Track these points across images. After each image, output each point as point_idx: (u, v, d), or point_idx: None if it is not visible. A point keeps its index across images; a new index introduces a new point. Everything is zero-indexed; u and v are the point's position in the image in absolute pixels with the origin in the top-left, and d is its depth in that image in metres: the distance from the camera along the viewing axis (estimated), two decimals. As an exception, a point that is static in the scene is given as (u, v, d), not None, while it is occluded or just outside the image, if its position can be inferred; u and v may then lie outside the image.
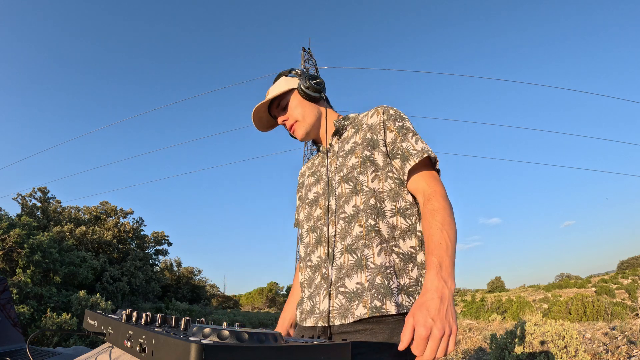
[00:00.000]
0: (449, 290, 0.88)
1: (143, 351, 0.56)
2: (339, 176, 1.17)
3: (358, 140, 1.18)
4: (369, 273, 1.02)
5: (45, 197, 15.77)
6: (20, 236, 8.66)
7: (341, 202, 1.13)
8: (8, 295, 1.42)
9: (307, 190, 1.30)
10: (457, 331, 0.85)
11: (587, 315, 10.09)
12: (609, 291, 21.79)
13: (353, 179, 1.13)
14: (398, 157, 1.11)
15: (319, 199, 1.22)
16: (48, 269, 9.44)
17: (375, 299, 0.99)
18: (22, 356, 1.18)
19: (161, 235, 20.88)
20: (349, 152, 1.18)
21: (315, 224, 1.21)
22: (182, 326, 0.67)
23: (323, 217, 1.18)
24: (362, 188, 1.11)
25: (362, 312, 1.00)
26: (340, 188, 1.15)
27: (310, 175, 1.33)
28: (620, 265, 56.59)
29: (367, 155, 1.13)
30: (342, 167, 1.17)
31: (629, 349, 5.25)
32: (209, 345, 0.47)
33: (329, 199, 1.17)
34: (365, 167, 1.12)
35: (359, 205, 1.09)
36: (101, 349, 0.77)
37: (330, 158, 1.25)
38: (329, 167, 1.23)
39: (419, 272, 1.06)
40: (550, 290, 33.85)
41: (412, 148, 1.09)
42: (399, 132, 1.12)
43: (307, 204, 1.28)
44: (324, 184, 1.22)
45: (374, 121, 1.18)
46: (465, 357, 6.26)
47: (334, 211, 1.14)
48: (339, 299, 1.05)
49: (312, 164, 1.38)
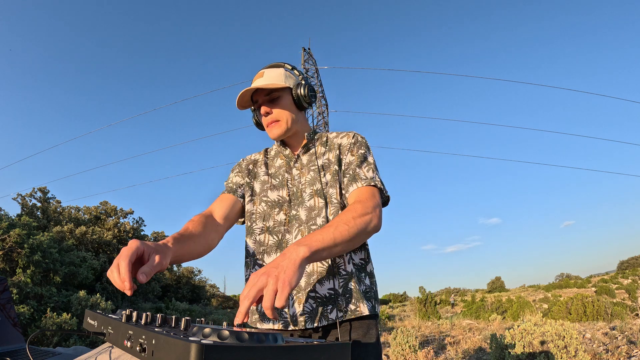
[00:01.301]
0: (296, 253, 0.86)
1: (143, 351, 0.56)
2: (311, 189, 1.23)
3: (332, 158, 1.26)
4: (342, 280, 1.14)
5: (45, 197, 15.78)
6: (20, 236, 8.66)
7: (313, 215, 1.19)
8: (8, 295, 1.42)
9: (267, 188, 1.30)
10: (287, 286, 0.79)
11: (587, 315, 10.09)
12: (609, 291, 21.80)
13: (326, 194, 1.21)
14: (348, 176, 1.21)
15: (284, 205, 1.25)
16: (48, 269, 9.44)
17: (350, 303, 1.12)
18: (22, 356, 1.18)
19: (161, 235, 20.88)
20: (323, 167, 1.26)
21: (277, 228, 1.23)
22: (182, 326, 0.67)
23: (287, 224, 1.22)
24: (332, 200, 1.20)
25: (338, 315, 1.10)
26: (313, 201, 1.22)
27: (269, 175, 1.33)
28: (620, 265, 56.67)
29: (337, 170, 1.23)
30: (314, 181, 1.24)
31: (629, 349, 5.25)
32: (209, 345, 0.47)
33: (299, 209, 1.22)
34: (335, 181, 1.22)
35: (328, 217, 1.18)
36: (101, 349, 0.76)
37: (298, 169, 1.29)
38: (298, 179, 1.27)
39: (370, 280, 1.21)
40: (550, 290, 33.86)
41: (364, 174, 1.20)
42: (358, 158, 1.23)
43: (266, 203, 1.28)
44: (290, 192, 1.26)
45: (344, 142, 1.28)
46: (465, 357, 6.26)
47: (304, 221, 1.20)
48: (309, 303, 1.12)
49: (270, 164, 1.37)
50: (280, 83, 1.24)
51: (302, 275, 0.90)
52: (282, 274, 0.81)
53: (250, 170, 1.39)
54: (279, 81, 1.24)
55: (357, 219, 1.03)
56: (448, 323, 11.40)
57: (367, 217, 1.06)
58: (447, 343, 7.67)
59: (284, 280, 0.80)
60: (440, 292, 45.79)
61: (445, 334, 9.10)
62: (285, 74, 1.27)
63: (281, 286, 0.79)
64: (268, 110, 1.25)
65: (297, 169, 1.29)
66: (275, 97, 1.25)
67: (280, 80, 1.25)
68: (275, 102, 1.25)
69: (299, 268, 0.84)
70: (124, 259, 0.79)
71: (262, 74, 1.27)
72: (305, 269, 0.94)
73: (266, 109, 1.25)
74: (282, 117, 1.25)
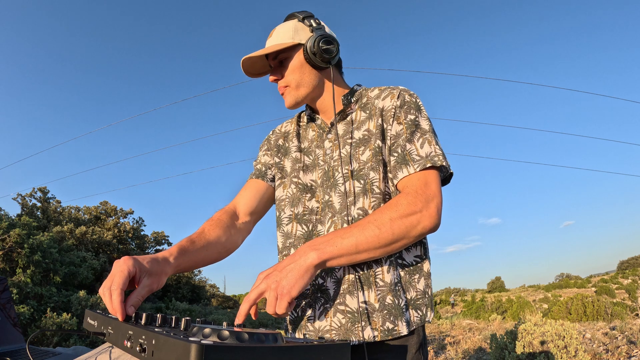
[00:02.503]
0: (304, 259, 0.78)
1: (143, 351, 0.56)
2: (346, 169, 0.98)
3: (372, 128, 0.99)
4: (379, 292, 0.91)
5: (45, 197, 15.77)
6: (20, 236, 8.66)
7: (348, 202, 0.96)
8: (8, 295, 1.42)
9: (300, 168, 1.08)
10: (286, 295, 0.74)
11: (587, 315, 10.09)
12: (609, 291, 21.80)
13: (365, 176, 0.96)
14: (395, 155, 0.95)
15: (317, 190, 1.04)
16: (48, 269, 9.44)
17: (387, 321, 0.89)
18: (22, 356, 1.18)
19: (161, 235, 20.88)
20: (361, 141, 1.00)
21: (308, 217, 1.02)
22: (182, 326, 0.67)
23: (320, 212, 1.01)
24: (373, 188, 0.95)
25: (370, 334, 0.89)
26: (348, 184, 0.97)
27: (300, 151, 1.11)
28: (620, 265, 56.65)
29: (380, 146, 0.97)
30: (351, 159, 0.99)
31: (629, 349, 5.25)
32: (209, 345, 0.47)
33: (332, 193, 1.00)
34: (378, 162, 0.96)
35: (366, 209, 0.94)
36: (101, 349, 0.76)
37: (331, 141, 1.05)
38: (330, 154, 1.04)
39: (425, 282, 0.97)
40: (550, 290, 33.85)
41: (416, 152, 0.93)
42: (407, 128, 0.95)
43: (297, 186, 1.07)
44: (322, 172, 1.04)
45: (386, 105, 1.00)
46: (465, 357, 6.26)
47: (337, 211, 0.97)
48: (338, 317, 0.92)
49: (302, 135, 1.13)
50: (286, 41, 1.01)
51: (308, 284, 0.78)
52: (283, 281, 0.75)
53: (281, 146, 1.16)
54: (286, 39, 1.01)
55: (396, 221, 0.82)
56: (448, 323, 11.39)
57: (413, 219, 0.84)
58: (447, 343, 7.67)
59: (283, 289, 0.75)
60: (440, 292, 45.80)
61: (445, 334, 9.10)
62: (295, 27, 1.03)
63: (280, 295, 0.74)
64: (276, 75, 1.05)
65: (329, 141, 1.05)
66: (284, 58, 1.03)
67: (287, 37, 1.01)
68: (283, 65, 1.04)
69: (304, 275, 0.77)
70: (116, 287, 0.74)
71: (272, 33, 1.06)
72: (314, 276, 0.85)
73: (273, 77, 1.05)
74: (291, 82, 1.03)
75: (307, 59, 1.01)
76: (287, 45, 1.00)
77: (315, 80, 1.04)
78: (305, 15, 1.04)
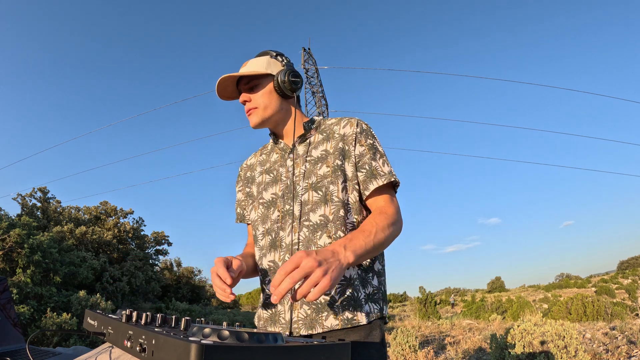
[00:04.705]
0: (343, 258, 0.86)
1: (143, 351, 0.56)
2: (306, 182, 1.15)
3: (329, 148, 1.17)
4: (339, 286, 1.06)
5: (45, 197, 15.78)
6: (20, 236, 8.66)
7: (306, 209, 1.12)
8: (8, 295, 1.42)
9: (262, 189, 1.24)
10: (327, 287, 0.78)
11: (587, 315, 10.09)
12: (609, 291, 21.81)
13: (323, 188, 1.12)
14: (364, 171, 1.14)
15: (277, 201, 1.18)
16: (48, 269, 9.44)
17: (347, 311, 1.04)
18: (22, 356, 1.18)
19: (161, 235, 20.89)
20: (319, 159, 1.17)
21: (271, 227, 1.17)
22: (182, 326, 0.67)
23: (280, 220, 1.15)
24: (332, 198, 1.11)
25: (333, 323, 1.03)
26: (307, 195, 1.13)
27: (264, 172, 1.27)
28: (620, 265, 56.72)
29: (339, 164, 1.14)
30: (310, 174, 1.15)
31: (629, 349, 5.25)
32: (209, 345, 0.47)
33: (292, 203, 1.15)
34: (336, 177, 1.13)
35: (327, 216, 1.10)
36: (101, 349, 0.76)
37: (293, 161, 1.21)
38: (292, 170, 1.19)
39: (378, 279, 1.14)
40: (550, 290, 33.87)
41: (381, 169, 1.13)
42: (369, 149, 1.16)
43: (262, 204, 1.22)
44: (284, 186, 1.19)
45: (347, 132, 1.18)
46: (465, 357, 6.26)
47: (297, 217, 1.12)
48: (304, 309, 1.06)
49: (264, 160, 1.31)
50: (260, 70, 1.17)
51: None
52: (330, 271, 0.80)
53: (249, 177, 1.34)
54: (260, 68, 1.18)
55: (391, 227, 1.03)
56: (448, 323, 11.40)
57: (399, 225, 1.06)
58: (447, 343, 7.67)
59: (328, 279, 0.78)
60: (440, 292, 45.83)
61: (445, 334, 9.10)
62: (268, 61, 1.20)
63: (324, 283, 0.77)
64: (246, 98, 1.19)
65: (291, 160, 1.21)
66: (255, 85, 1.19)
67: (261, 67, 1.18)
68: (255, 90, 1.19)
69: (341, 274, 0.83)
70: (219, 266, 0.95)
71: (246, 63, 1.22)
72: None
73: (244, 97, 1.20)
74: (259, 104, 1.18)
75: (276, 87, 1.18)
76: (260, 72, 1.17)
77: (280, 105, 1.21)
78: (278, 53, 1.25)
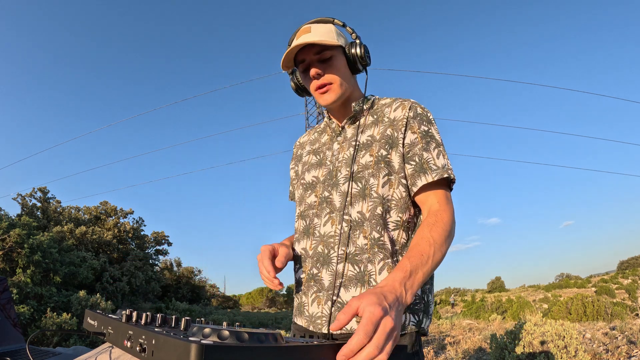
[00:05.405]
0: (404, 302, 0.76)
1: (143, 351, 0.56)
2: (346, 170, 1.03)
3: (376, 134, 1.05)
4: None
5: (45, 197, 15.77)
6: (20, 236, 8.66)
7: (346, 202, 1.01)
8: (8, 295, 1.42)
9: (305, 170, 1.16)
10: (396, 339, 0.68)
11: (587, 315, 10.09)
12: (609, 291, 21.80)
13: (363, 180, 1.01)
14: (413, 164, 1.00)
15: (317, 186, 1.09)
16: (48, 269, 9.44)
17: None
18: (22, 356, 1.18)
19: (161, 235, 20.88)
20: (364, 146, 1.05)
21: (306, 212, 1.09)
22: (182, 326, 0.67)
23: (317, 207, 1.06)
24: (371, 193, 0.99)
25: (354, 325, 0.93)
26: (347, 185, 1.02)
27: (312, 153, 1.18)
28: (620, 265, 56.68)
29: (383, 155, 1.01)
30: (353, 161, 1.04)
31: (629, 349, 5.25)
32: (209, 345, 0.47)
33: (332, 191, 1.04)
34: (379, 169, 1.00)
35: (364, 213, 0.98)
36: (101, 349, 0.76)
37: (339, 143, 1.10)
38: (336, 155, 1.09)
39: (422, 288, 0.98)
40: (550, 290, 33.87)
41: (433, 162, 0.98)
42: (422, 137, 1.01)
43: (302, 185, 1.14)
44: (326, 171, 1.09)
45: (398, 116, 1.05)
46: (465, 357, 6.26)
47: (337, 208, 1.02)
48: (328, 305, 0.97)
49: (315, 139, 1.22)
50: (332, 40, 1.02)
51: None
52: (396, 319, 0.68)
53: (299, 155, 1.26)
54: (331, 38, 1.03)
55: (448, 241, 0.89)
56: (448, 323, 11.40)
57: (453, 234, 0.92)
58: (447, 343, 7.67)
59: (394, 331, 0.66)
60: (440, 292, 45.82)
61: (445, 334, 9.10)
62: (336, 31, 1.07)
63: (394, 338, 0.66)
64: (319, 71, 1.05)
65: (338, 143, 1.11)
66: (328, 57, 1.05)
67: (331, 37, 1.04)
68: (328, 62, 1.05)
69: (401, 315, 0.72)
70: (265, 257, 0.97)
71: (308, 29, 1.06)
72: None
73: (317, 70, 1.04)
74: (335, 81, 1.05)
75: (350, 63, 1.07)
76: (334, 43, 1.02)
77: (352, 82, 1.11)
78: (343, 23, 1.11)
